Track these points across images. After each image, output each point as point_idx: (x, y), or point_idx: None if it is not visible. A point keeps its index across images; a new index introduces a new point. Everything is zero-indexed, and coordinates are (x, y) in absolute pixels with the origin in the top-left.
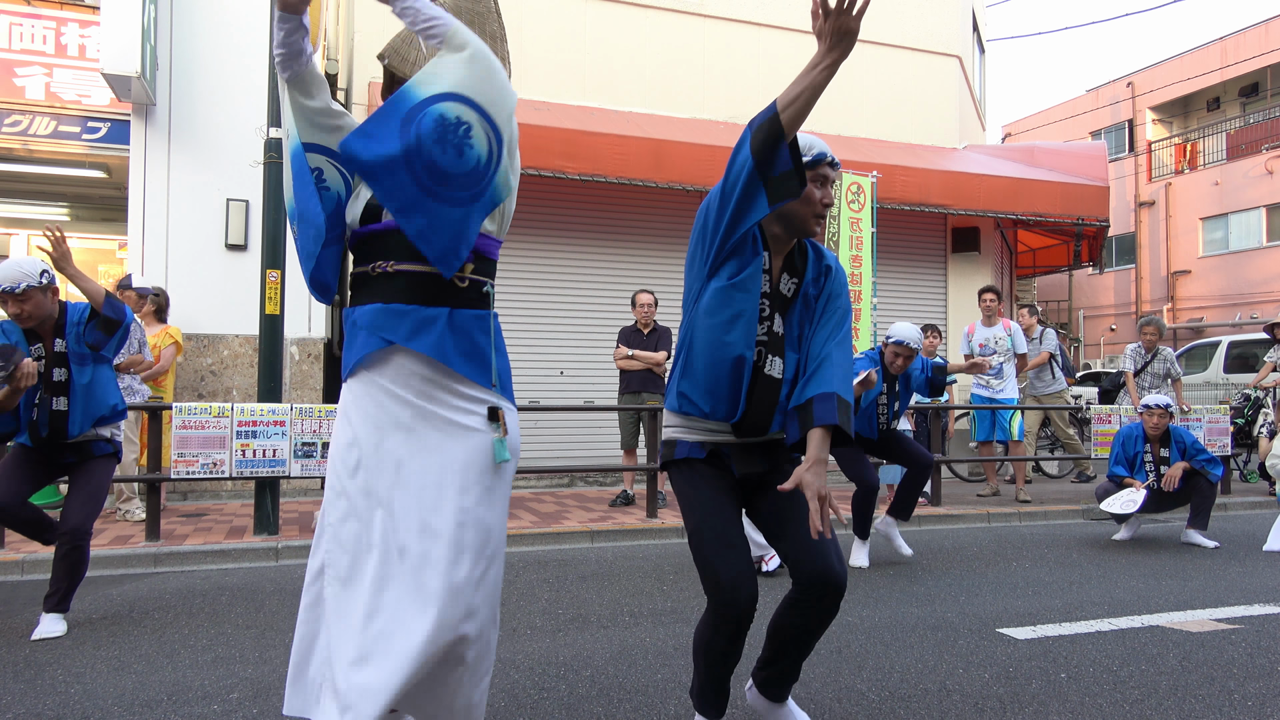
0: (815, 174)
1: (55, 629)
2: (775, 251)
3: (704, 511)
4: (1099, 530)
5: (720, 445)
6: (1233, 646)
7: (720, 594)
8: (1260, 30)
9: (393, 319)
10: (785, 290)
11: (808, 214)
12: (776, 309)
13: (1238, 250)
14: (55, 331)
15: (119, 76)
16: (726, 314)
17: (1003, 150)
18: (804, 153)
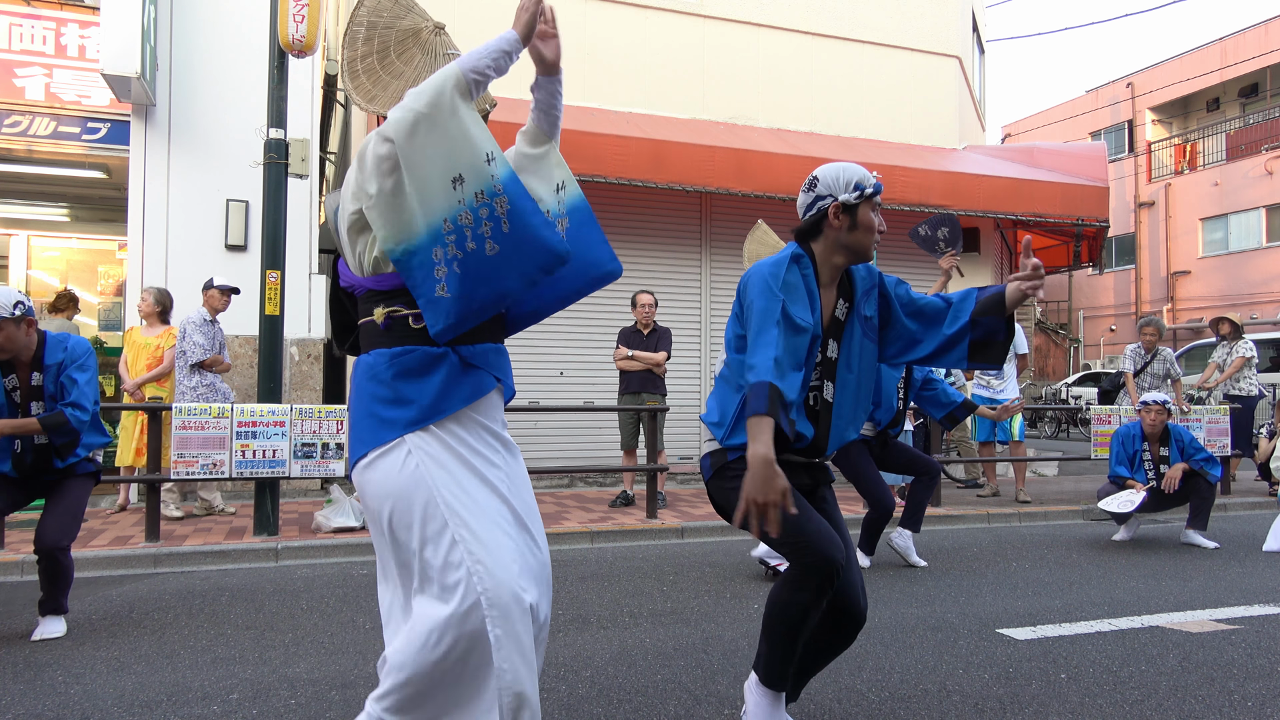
0: (873, 203)
1: (55, 629)
2: (827, 283)
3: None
4: (1099, 531)
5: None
6: (1233, 647)
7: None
8: (1260, 31)
9: (499, 359)
10: (839, 315)
11: (869, 241)
12: (830, 335)
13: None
14: (33, 364)
15: (119, 77)
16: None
17: (1002, 151)
18: (863, 185)
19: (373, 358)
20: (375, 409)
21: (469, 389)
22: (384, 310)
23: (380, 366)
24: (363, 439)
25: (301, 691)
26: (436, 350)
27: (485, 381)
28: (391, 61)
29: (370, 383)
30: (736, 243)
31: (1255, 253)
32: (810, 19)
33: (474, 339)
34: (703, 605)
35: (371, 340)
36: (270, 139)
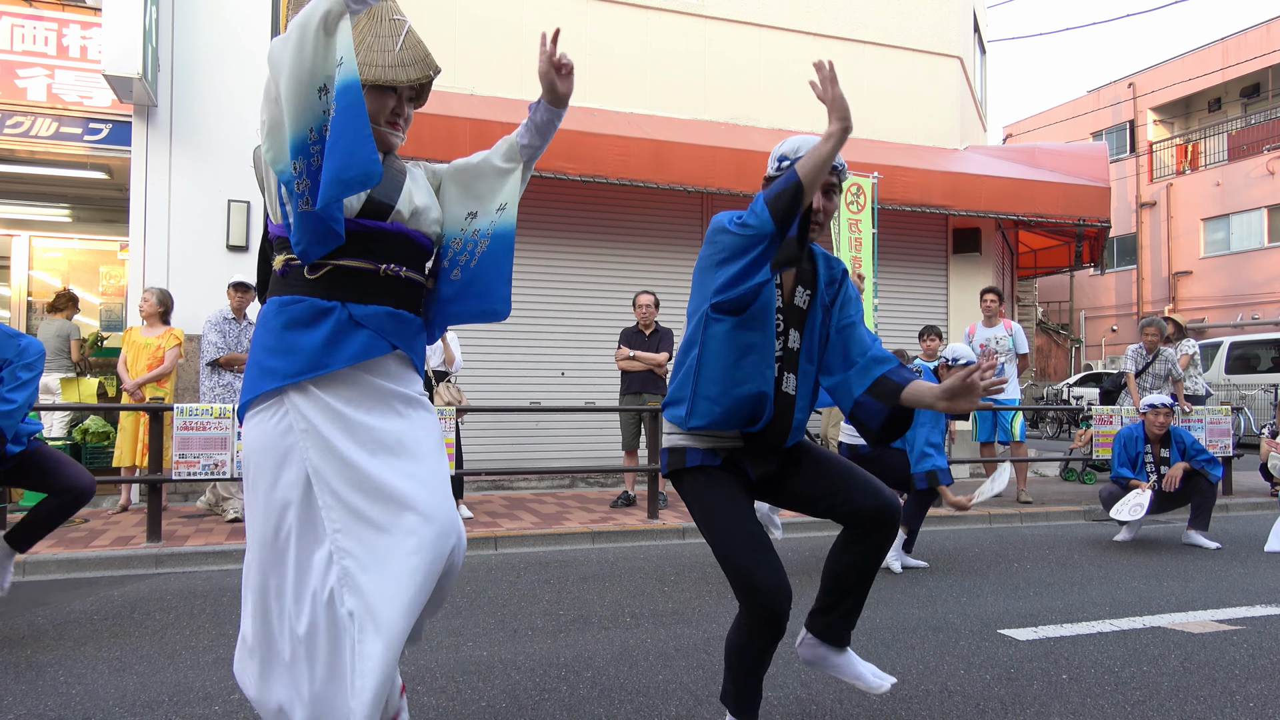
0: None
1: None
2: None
3: (729, 518)
4: (1100, 531)
5: (734, 451)
6: (1234, 648)
7: (757, 598)
8: (1262, 31)
9: (399, 325)
10: (800, 303)
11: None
12: (792, 324)
13: (1239, 251)
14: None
15: (120, 78)
16: (737, 352)
17: (1004, 151)
18: (784, 158)
19: (269, 305)
20: (261, 357)
21: (357, 348)
22: (283, 257)
23: (270, 314)
24: (249, 386)
25: None
26: (325, 303)
27: (376, 344)
28: None
29: (261, 329)
30: None
31: (1257, 253)
32: (811, 19)
33: (369, 298)
34: (704, 606)
35: (272, 288)
36: None
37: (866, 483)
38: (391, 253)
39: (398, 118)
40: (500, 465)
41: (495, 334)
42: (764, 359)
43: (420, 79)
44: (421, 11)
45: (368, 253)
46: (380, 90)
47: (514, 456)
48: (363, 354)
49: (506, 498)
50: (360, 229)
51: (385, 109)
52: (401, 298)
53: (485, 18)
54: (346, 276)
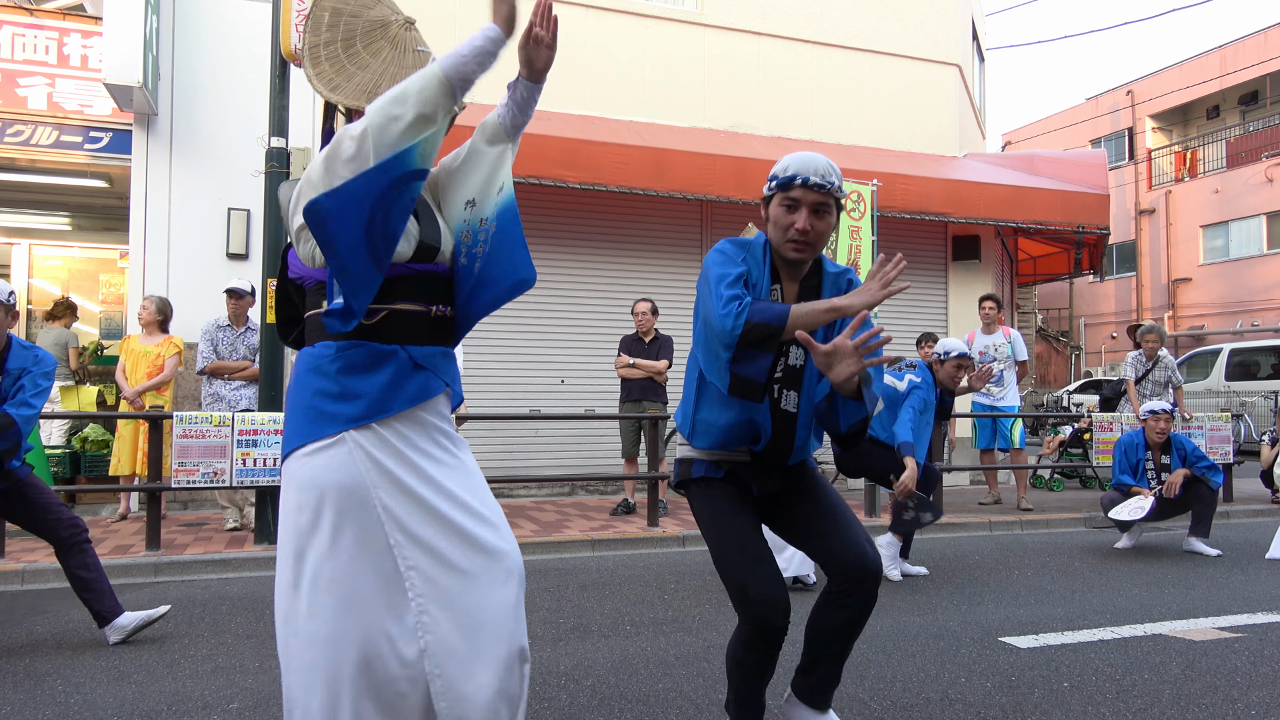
0: (784, 196)
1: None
2: (789, 278)
3: (728, 530)
4: (1101, 539)
5: (738, 465)
6: (1236, 655)
7: (752, 609)
8: (1259, 39)
9: (448, 364)
10: None
11: (779, 240)
12: (794, 342)
13: (1238, 258)
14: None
15: (121, 86)
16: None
17: (1003, 158)
18: (775, 175)
19: (318, 349)
20: (316, 402)
21: (416, 389)
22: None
23: (325, 359)
24: (300, 431)
25: None
26: (385, 347)
27: (433, 383)
28: (357, 52)
29: (313, 375)
30: None
31: (1256, 260)
32: (810, 27)
33: (424, 340)
34: (704, 614)
35: (318, 333)
36: (272, 147)
37: (853, 536)
38: (437, 293)
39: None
40: (500, 473)
41: (495, 341)
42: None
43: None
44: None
45: (420, 295)
46: None
47: (513, 464)
48: (422, 395)
49: (506, 505)
50: (412, 273)
51: None
52: (446, 336)
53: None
54: (403, 320)
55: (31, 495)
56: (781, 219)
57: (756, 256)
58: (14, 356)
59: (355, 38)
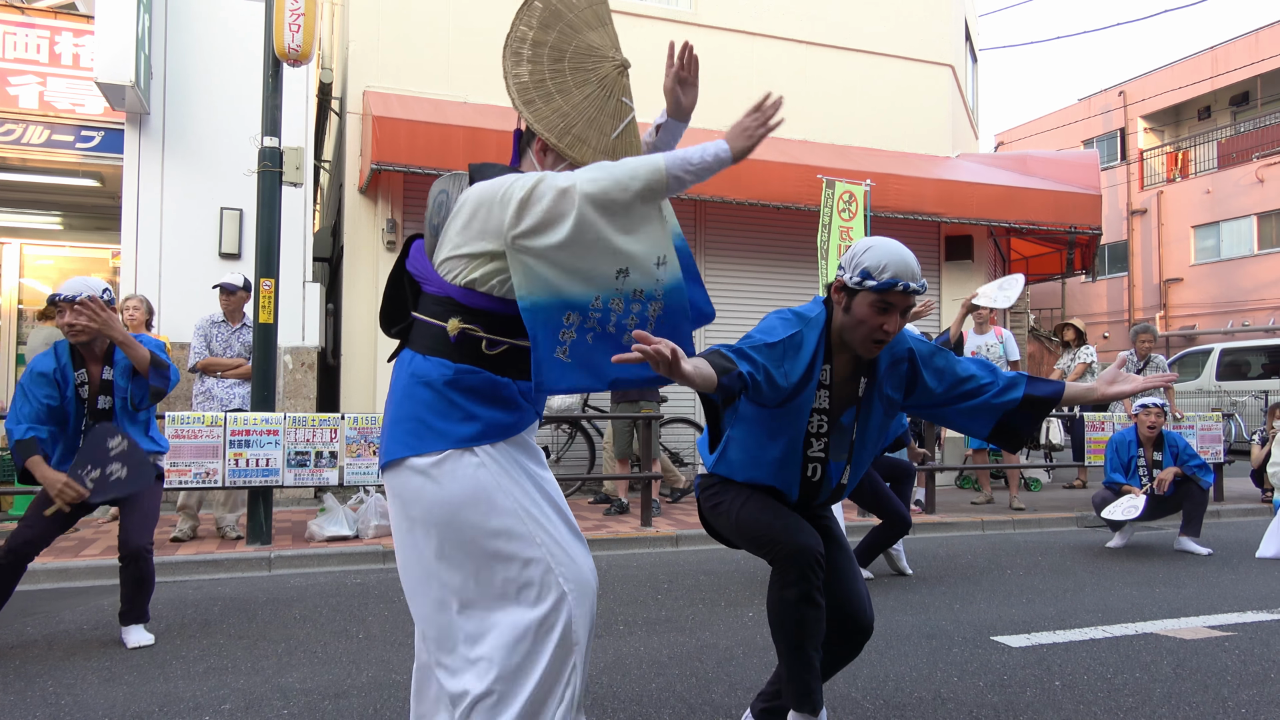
0: (880, 299)
1: (143, 638)
2: (841, 362)
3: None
4: (1093, 538)
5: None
6: (1226, 654)
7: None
8: (1250, 40)
9: (541, 396)
10: (860, 393)
11: (856, 337)
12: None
13: (1229, 258)
14: (105, 358)
15: (113, 85)
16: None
17: (996, 159)
18: (869, 273)
19: (432, 366)
20: (427, 416)
21: (529, 419)
22: (459, 324)
23: (438, 378)
24: (406, 443)
25: (294, 701)
26: (500, 379)
27: (530, 416)
28: (562, 70)
29: (424, 388)
30: (732, 250)
31: (1247, 260)
32: (804, 27)
33: (527, 374)
34: (697, 613)
35: (433, 346)
36: (265, 147)
37: (860, 592)
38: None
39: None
40: None
41: None
42: (790, 457)
43: None
44: (414, 18)
45: (519, 333)
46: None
47: None
48: (527, 424)
49: None
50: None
51: None
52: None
53: (476, 25)
54: (519, 355)
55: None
56: (871, 319)
57: (813, 332)
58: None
59: (565, 56)
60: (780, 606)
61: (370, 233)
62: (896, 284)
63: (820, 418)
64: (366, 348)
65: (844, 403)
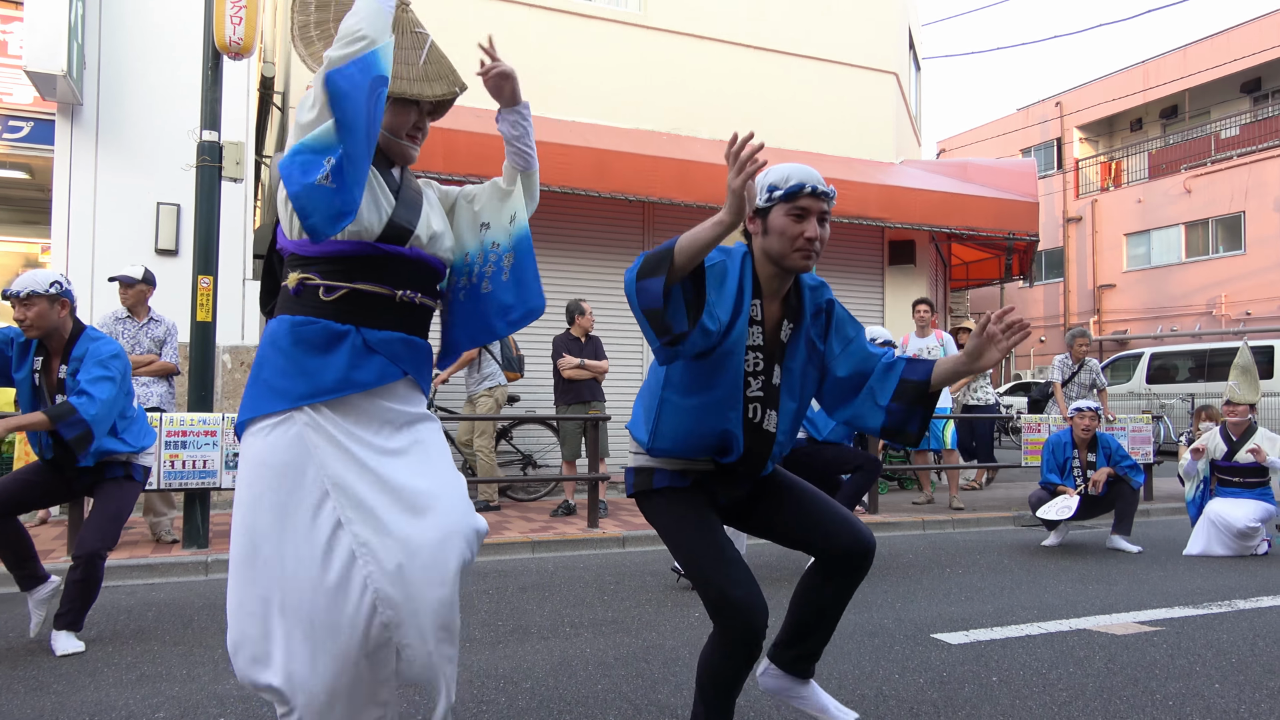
0: (792, 206)
1: (73, 645)
2: (770, 294)
3: (698, 534)
4: (1029, 537)
5: (703, 474)
6: (1154, 648)
7: (731, 613)
8: (1179, 55)
9: (411, 352)
10: (783, 337)
11: (780, 249)
12: (776, 359)
13: (1159, 265)
14: (64, 355)
15: (43, 74)
16: (701, 386)
17: (937, 166)
18: (775, 186)
19: (277, 323)
20: (270, 376)
21: (371, 375)
22: (298, 276)
23: (281, 333)
24: (252, 404)
25: (231, 709)
26: (340, 327)
27: (388, 370)
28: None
29: (270, 348)
30: None
31: (1175, 267)
32: (752, 33)
33: (385, 324)
34: (644, 614)
35: (282, 305)
36: (203, 141)
37: (845, 520)
38: (408, 278)
39: (417, 132)
40: None
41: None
42: (731, 397)
43: (445, 95)
44: None
45: (384, 278)
46: (403, 104)
47: None
48: (376, 381)
49: None
50: (378, 253)
51: (406, 123)
52: (414, 323)
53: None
54: (362, 300)
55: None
56: (789, 229)
57: (735, 264)
58: (80, 345)
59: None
60: (717, 672)
61: None
62: (804, 186)
63: (755, 355)
64: None
65: (772, 352)
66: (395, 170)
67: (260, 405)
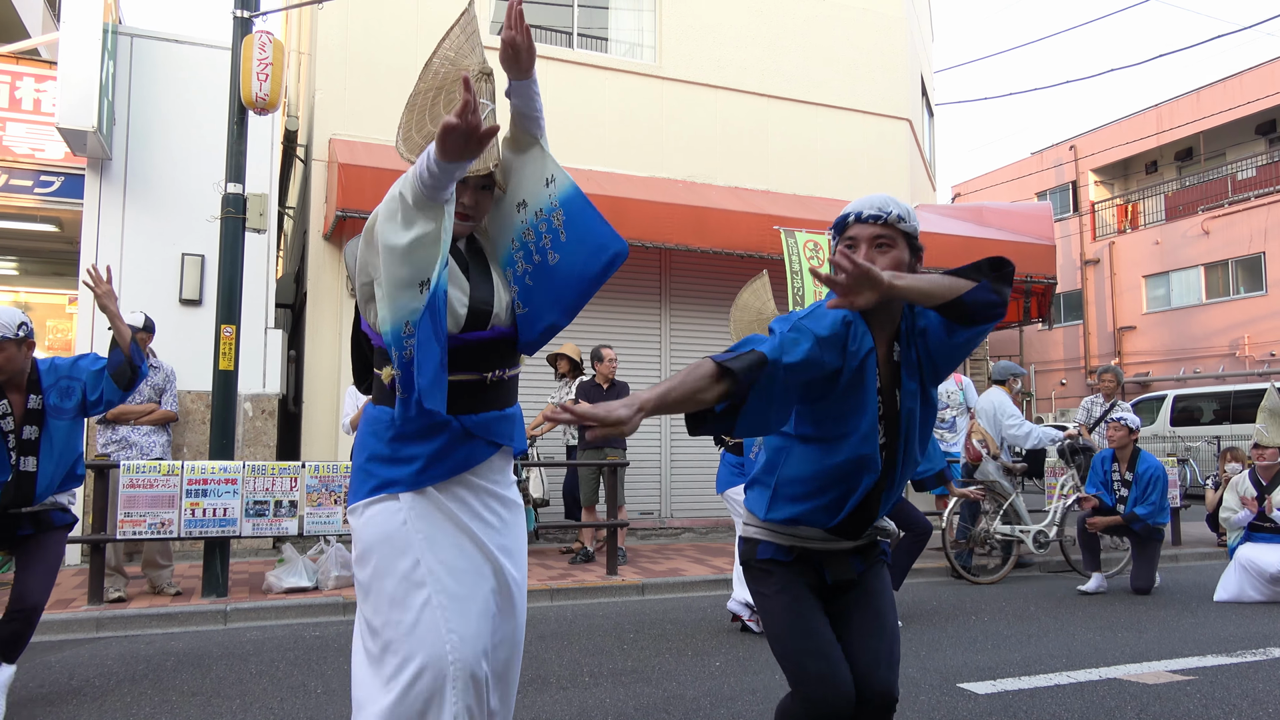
0: (843, 240)
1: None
2: (879, 326)
3: (789, 614)
4: (1056, 584)
5: (808, 551)
6: (1188, 698)
7: (809, 686)
8: (1193, 99)
9: (504, 424)
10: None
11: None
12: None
13: (1179, 307)
14: (29, 388)
15: (74, 131)
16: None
17: (953, 210)
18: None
19: (377, 413)
20: (371, 466)
21: (462, 457)
22: (391, 370)
23: (383, 424)
24: (356, 490)
25: None
26: (438, 418)
27: (478, 450)
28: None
29: (371, 437)
30: (695, 298)
31: (1196, 309)
32: (765, 81)
33: (478, 407)
34: (664, 663)
35: (376, 396)
36: (228, 193)
37: (873, 648)
38: (494, 358)
39: (464, 208)
40: None
41: None
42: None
43: (479, 171)
44: (380, 66)
45: (474, 365)
46: None
47: None
48: (466, 463)
49: None
50: (465, 344)
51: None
52: (505, 398)
53: None
54: (457, 390)
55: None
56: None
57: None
58: (45, 375)
59: (444, 87)
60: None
61: (334, 280)
62: (848, 216)
63: (878, 397)
64: (328, 395)
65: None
66: (461, 243)
67: (365, 492)
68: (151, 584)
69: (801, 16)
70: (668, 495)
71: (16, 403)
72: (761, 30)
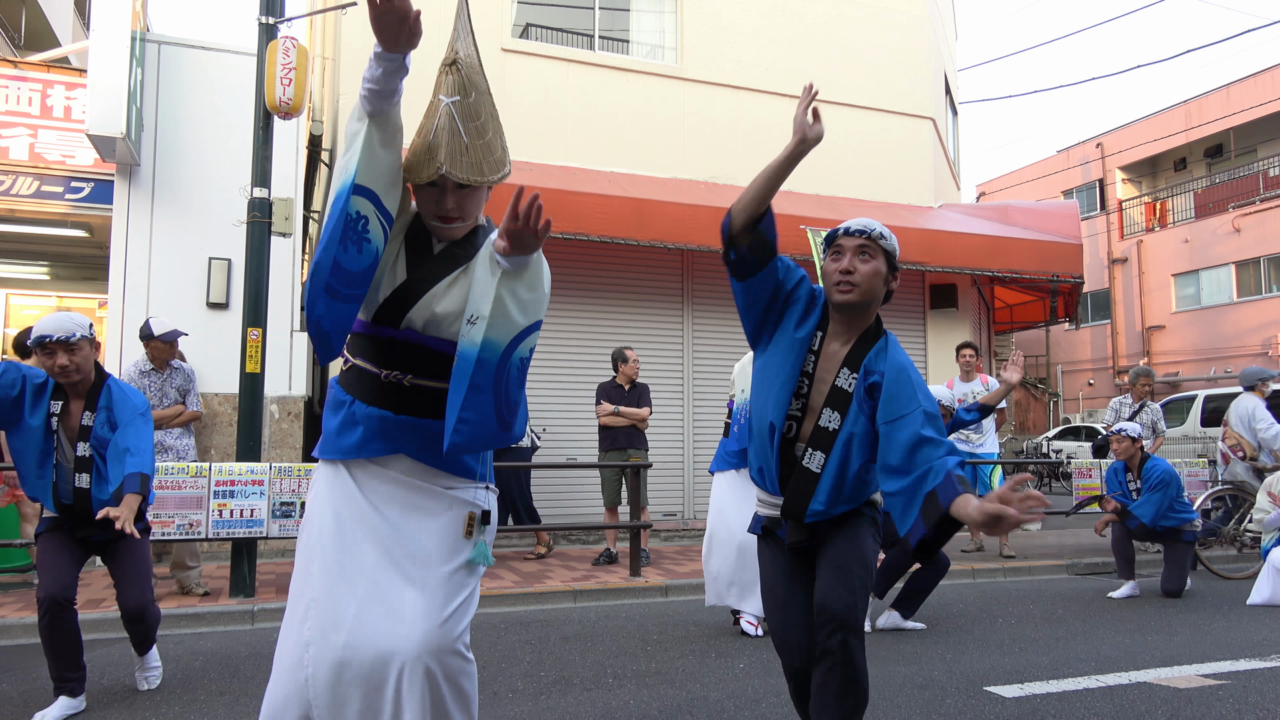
0: (832, 250)
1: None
2: (833, 334)
3: (767, 587)
4: (1084, 586)
5: (770, 518)
6: (1220, 703)
7: (778, 650)
8: (1222, 94)
9: (405, 431)
10: (843, 385)
11: (828, 288)
12: (831, 403)
13: (1210, 305)
14: (87, 402)
15: (104, 137)
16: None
17: (978, 209)
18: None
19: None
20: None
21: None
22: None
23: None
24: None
25: None
26: (343, 395)
27: (369, 444)
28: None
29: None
30: (718, 299)
31: (1227, 307)
32: (787, 82)
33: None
34: (688, 665)
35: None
36: (254, 198)
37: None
38: (398, 360)
39: (446, 211)
40: None
41: None
42: (782, 394)
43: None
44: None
45: (375, 357)
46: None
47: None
48: (356, 452)
49: None
50: (372, 333)
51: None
52: (406, 404)
53: None
54: (359, 376)
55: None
56: (829, 268)
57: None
58: (106, 394)
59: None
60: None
61: None
62: (838, 231)
63: (804, 380)
64: None
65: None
66: (441, 244)
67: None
68: (180, 585)
69: (823, 16)
70: (690, 496)
71: (74, 410)
72: (783, 30)
